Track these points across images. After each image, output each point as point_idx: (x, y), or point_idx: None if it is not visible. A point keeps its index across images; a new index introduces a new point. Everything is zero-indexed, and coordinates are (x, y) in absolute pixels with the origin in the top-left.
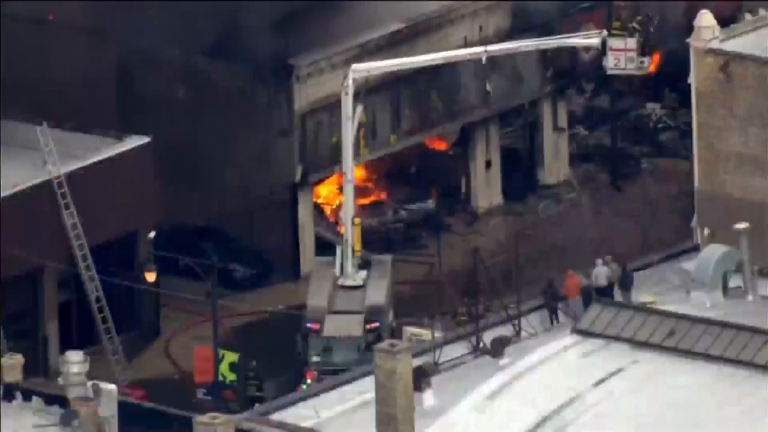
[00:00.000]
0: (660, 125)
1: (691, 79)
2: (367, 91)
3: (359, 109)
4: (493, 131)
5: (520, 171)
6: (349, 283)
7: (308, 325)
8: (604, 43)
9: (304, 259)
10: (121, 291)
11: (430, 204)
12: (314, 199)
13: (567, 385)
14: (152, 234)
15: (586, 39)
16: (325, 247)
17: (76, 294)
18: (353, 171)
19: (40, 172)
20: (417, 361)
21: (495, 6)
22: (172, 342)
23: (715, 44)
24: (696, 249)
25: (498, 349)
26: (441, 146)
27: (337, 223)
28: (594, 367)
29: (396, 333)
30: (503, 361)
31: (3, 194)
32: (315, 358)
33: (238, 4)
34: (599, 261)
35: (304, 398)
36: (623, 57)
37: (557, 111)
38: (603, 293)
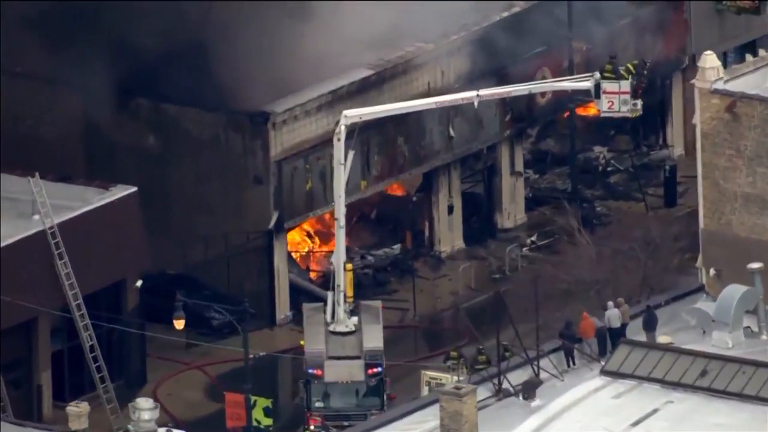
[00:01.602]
0: (609, 168)
1: (696, 120)
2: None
3: (351, 153)
4: (455, 176)
5: (479, 215)
6: (341, 329)
7: (310, 370)
8: (597, 87)
9: (279, 305)
10: (109, 340)
11: (396, 249)
12: None
13: (604, 426)
14: (139, 283)
15: (578, 82)
16: (294, 294)
17: (68, 343)
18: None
19: (28, 223)
20: None
21: (455, 52)
22: (159, 390)
23: (719, 85)
24: (701, 289)
25: (530, 391)
26: (399, 191)
27: (308, 269)
28: (628, 407)
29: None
30: (535, 403)
31: None
32: (318, 404)
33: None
34: (610, 303)
35: None
36: (617, 100)
37: (514, 155)
38: (616, 334)
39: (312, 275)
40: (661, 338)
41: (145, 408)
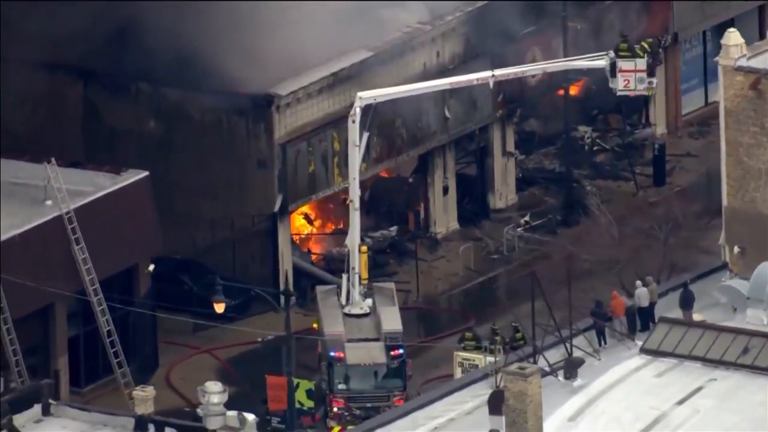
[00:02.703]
0: (595, 147)
1: (719, 97)
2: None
3: (365, 135)
4: (449, 157)
5: (471, 196)
6: (355, 311)
7: (332, 353)
8: (612, 65)
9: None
10: (122, 325)
11: (393, 231)
12: None
13: (649, 405)
14: (151, 267)
15: (593, 61)
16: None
17: (83, 328)
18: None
19: (41, 209)
20: (480, 387)
21: (450, 33)
22: (171, 373)
23: (743, 62)
24: (725, 267)
25: (571, 370)
26: (388, 173)
27: (309, 252)
28: (671, 386)
29: None
30: (577, 383)
31: (16, 231)
32: (341, 386)
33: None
34: (638, 282)
35: (376, 426)
36: (633, 78)
37: (506, 135)
38: (644, 313)
39: (313, 258)
40: (693, 316)
41: (214, 391)
